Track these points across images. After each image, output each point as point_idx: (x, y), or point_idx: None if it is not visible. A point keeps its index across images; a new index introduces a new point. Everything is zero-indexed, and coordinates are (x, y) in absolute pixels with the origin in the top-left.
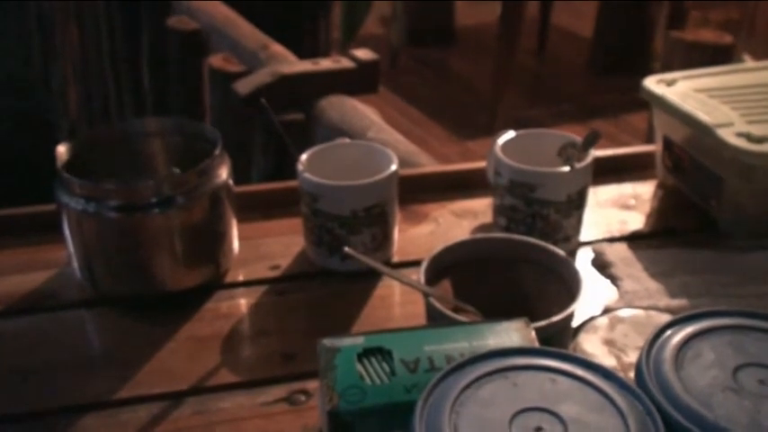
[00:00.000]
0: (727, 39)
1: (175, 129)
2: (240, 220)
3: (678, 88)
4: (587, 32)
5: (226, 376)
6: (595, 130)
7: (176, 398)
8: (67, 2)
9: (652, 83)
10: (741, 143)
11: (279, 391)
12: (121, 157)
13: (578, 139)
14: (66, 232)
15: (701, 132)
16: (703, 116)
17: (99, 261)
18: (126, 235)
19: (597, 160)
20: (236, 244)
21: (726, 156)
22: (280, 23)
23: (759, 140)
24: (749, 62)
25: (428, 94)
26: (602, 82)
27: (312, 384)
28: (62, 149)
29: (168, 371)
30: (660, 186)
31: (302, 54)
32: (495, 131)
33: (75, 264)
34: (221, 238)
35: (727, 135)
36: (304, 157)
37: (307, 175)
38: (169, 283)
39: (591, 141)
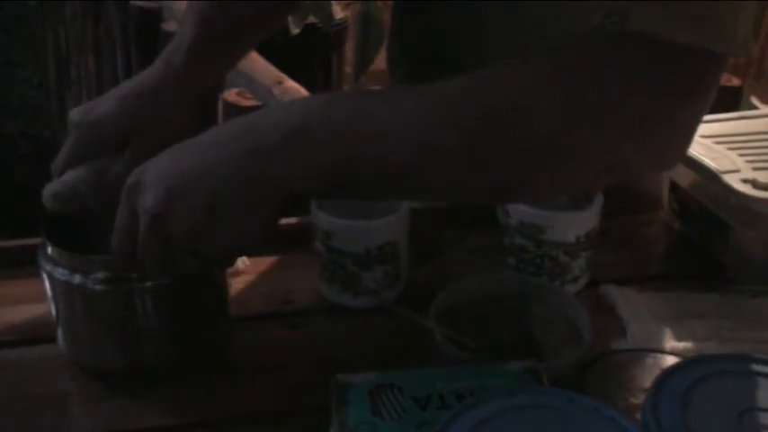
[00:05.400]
0: (735, 81)
1: None
2: (252, 255)
3: None
4: None
5: (237, 410)
6: None
7: (187, 430)
8: (84, 31)
9: None
10: (747, 190)
11: (291, 426)
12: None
13: None
14: (49, 296)
15: (706, 178)
16: (709, 162)
17: (83, 333)
18: (113, 308)
19: (605, 202)
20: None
21: (731, 202)
22: (293, 58)
23: (765, 187)
24: (757, 105)
25: None
26: None
27: (324, 420)
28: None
29: (180, 403)
30: (667, 229)
31: (315, 88)
32: None
33: (59, 333)
34: (217, 310)
35: (733, 181)
36: None
37: (322, 213)
38: (160, 359)
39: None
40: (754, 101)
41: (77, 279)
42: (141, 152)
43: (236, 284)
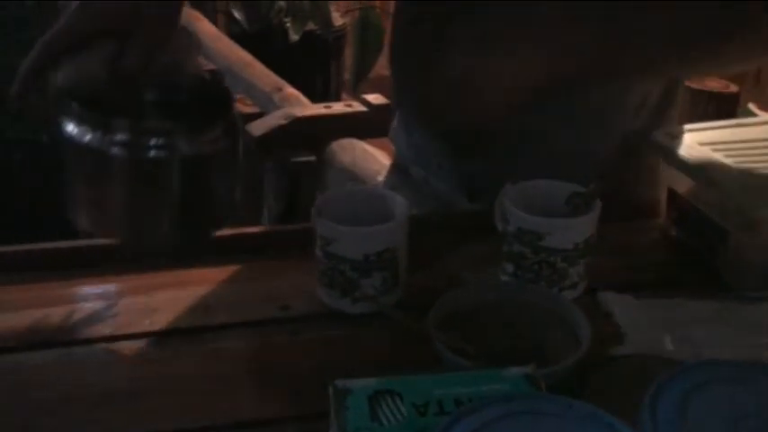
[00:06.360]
0: (733, 88)
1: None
2: (251, 261)
3: (683, 141)
4: None
5: (237, 415)
6: (599, 181)
7: None
8: None
9: (657, 135)
10: (745, 196)
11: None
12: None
13: (585, 189)
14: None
15: (704, 185)
16: (707, 169)
17: (91, 200)
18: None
19: (603, 209)
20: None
21: (729, 209)
22: (292, 65)
23: (762, 194)
24: (755, 111)
25: None
26: None
27: (323, 425)
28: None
29: (180, 409)
30: (666, 235)
31: (313, 95)
32: None
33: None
34: (223, 194)
35: (731, 188)
36: (319, 201)
37: (321, 219)
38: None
39: (596, 192)
40: (753, 108)
41: (98, 140)
42: (149, 40)
43: (235, 290)
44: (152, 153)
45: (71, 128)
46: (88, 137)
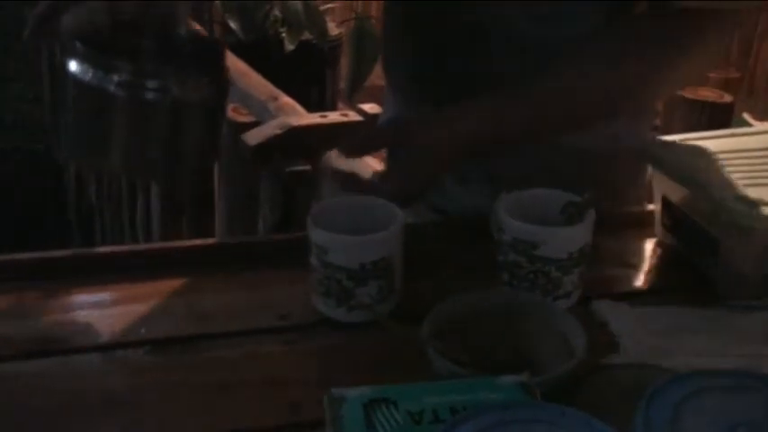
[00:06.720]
0: (727, 98)
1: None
2: (247, 270)
3: (676, 151)
4: None
5: (232, 425)
6: (593, 191)
7: None
8: None
9: (652, 145)
10: (737, 206)
11: None
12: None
13: (580, 198)
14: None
15: (698, 194)
16: (700, 178)
17: (106, 135)
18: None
19: (598, 218)
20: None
21: (722, 218)
22: (288, 74)
23: (754, 204)
24: (750, 121)
25: None
26: None
27: None
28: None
29: (175, 419)
30: (659, 245)
31: (309, 104)
32: None
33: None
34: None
35: (723, 198)
36: (314, 209)
37: (317, 228)
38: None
39: (590, 202)
40: (747, 117)
41: (99, 79)
42: None
43: (231, 299)
44: (146, 93)
45: (74, 66)
46: (89, 75)
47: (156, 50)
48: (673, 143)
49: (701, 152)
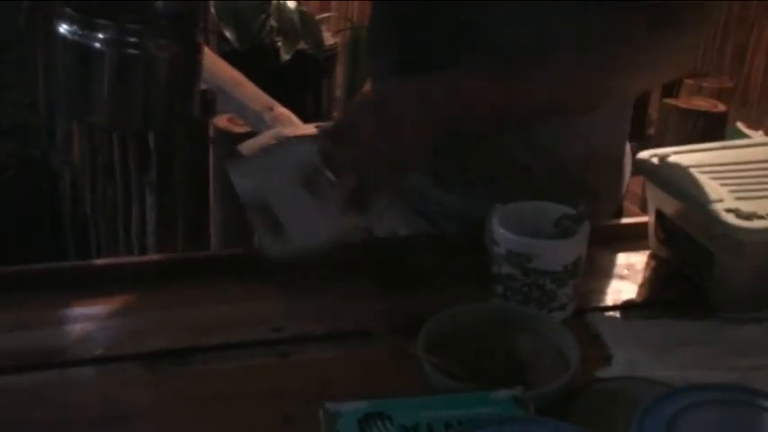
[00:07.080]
0: (721, 107)
1: None
2: (242, 282)
3: (670, 163)
4: None
5: None
6: (587, 204)
7: None
8: None
9: (645, 157)
10: (730, 219)
11: None
12: None
13: (574, 211)
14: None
15: (691, 207)
16: (693, 191)
17: (87, 90)
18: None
19: (592, 230)
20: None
21: (715, 231)
22: (284, 84)
23: (747, 216)
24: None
25: None
26: None
27: None
28: None
29: (170, 430)
30: (653, 257)
31: (305, 114)
32: None
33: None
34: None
35: (717, 211)
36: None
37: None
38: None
39: (584, 214)
40: (741, 126)
41: (91, 38)
42: None
43: (225, 312)
44: (126, 49)
45: (64, 28)
46: (78, 35)
47: (136, 14)
48: (666, 155)
49: (694, 165)
